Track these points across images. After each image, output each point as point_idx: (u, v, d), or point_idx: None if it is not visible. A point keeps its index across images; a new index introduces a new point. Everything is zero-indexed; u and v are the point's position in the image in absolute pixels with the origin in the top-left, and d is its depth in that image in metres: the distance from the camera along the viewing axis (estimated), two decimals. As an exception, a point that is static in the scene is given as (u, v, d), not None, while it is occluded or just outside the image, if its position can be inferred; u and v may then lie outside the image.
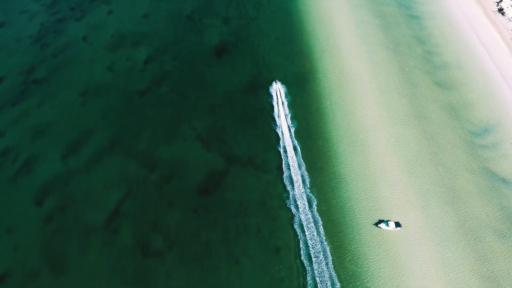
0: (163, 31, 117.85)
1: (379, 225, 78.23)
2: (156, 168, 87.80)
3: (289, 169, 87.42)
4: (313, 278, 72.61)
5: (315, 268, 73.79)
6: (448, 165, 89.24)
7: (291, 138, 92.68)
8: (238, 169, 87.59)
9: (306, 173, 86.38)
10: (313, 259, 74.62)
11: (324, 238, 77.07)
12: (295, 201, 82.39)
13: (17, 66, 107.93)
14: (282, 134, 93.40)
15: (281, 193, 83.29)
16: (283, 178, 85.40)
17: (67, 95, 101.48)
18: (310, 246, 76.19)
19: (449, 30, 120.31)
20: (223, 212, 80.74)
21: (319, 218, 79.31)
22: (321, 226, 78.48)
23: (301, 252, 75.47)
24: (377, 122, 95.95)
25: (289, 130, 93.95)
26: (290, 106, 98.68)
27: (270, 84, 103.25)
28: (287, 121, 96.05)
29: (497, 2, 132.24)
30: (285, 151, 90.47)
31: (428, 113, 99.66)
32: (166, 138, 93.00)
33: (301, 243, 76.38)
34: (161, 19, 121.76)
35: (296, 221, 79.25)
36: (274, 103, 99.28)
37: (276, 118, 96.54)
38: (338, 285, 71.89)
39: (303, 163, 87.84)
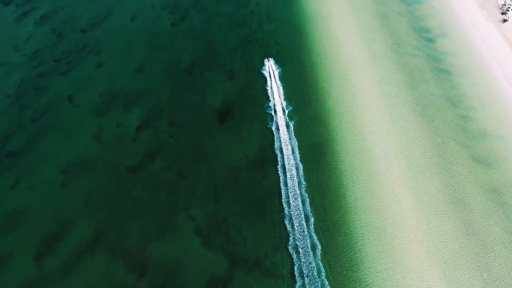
0: (159, 88, 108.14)
1: None
2: (146, 272, 77.16)
3: (302, 277, 76.52)
4: None
5: None
6: (495, 270, 78.08)
7: (309, 233, 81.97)
8: (243, 274, 76.81)
9: (326, 282, 75.49)
10: None
11: None
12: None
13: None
14: (292, 227, 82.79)
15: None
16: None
17: (46, 173, 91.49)
18: None
19: (485, 89, 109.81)
20: None
21: None
22: None
23: None
24: (408, 212, 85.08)
25: (306, 222, 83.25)
26: (307, 189, 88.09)
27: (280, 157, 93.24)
28: (301, 208, 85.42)
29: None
30: (297, 251, 79.69)
31: (466, 198, 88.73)
32: (159, 232, 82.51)
33: None
34: (157, 73, 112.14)
35: None
36: (283, 185, 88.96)
37: (285, 205, 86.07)
38: None
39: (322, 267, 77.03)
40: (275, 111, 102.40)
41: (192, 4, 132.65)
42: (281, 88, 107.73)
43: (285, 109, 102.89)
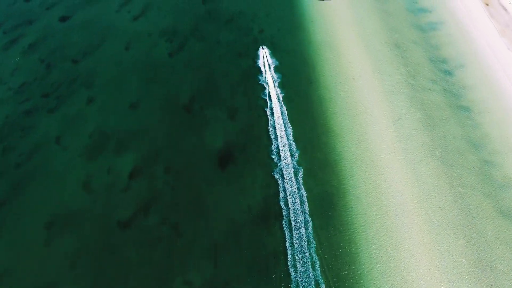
0: (154, 128, 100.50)
1: None
2: None
3: None
4: None
5: None
6: None
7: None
8: None
9: None
10: None
11: None
12: None
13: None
14: (305, 296, 74.80)
15: None
16: None
17: (29, 228, 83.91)
18: None
19: (510, 130, 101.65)
20: None
21: None
22: None
23: None
24: (429, 277, 76.96)
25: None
26: (317, 250, 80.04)
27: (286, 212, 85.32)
28: (311, 273, 77.37)
29: None
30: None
31: (492, 260, 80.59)
32: (152, 301, 74.81)
33: None
34: (153, 110, 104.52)
35: None
36: (289, 245, 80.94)
37: (291, 269, 78.03)
38: None
39: None
40: (279, 156, 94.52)
41: (191, 31, 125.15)
42: (283, 128, 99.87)
43: (294, 153, 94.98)
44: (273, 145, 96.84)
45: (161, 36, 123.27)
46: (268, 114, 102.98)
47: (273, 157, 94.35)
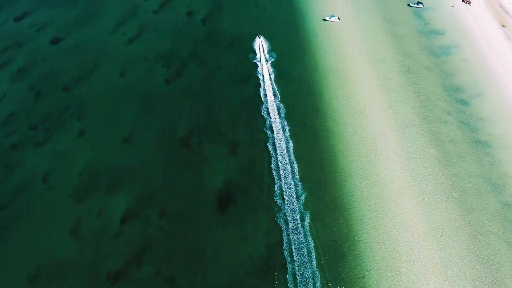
0: (149, 165, 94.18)
1: None
2: None
3: None
4: None
5: None
6: None
7: None
8: None
9: None
10: None
11: None
12: None
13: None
14: None
15: None
16: None
17: (11, 281, 77.39)
18: None
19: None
20: None
21: None
22: None
23: None
24: None
25: None
26: (324, 310, 73.61)
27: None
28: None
29: None
30: None
31: (519, 320, 73.93)
32: None
33: None
34: (148, 144, 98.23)
35: None
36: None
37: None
38: None
39: None
40: (283, 199, 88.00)
41: (190, 54, 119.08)
42: (289, 166, 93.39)
43: (300, 195, 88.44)
44: (276, 185, 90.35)
45: (158, 60, 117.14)
46: (270, 149, 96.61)
47: (276, 199, 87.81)
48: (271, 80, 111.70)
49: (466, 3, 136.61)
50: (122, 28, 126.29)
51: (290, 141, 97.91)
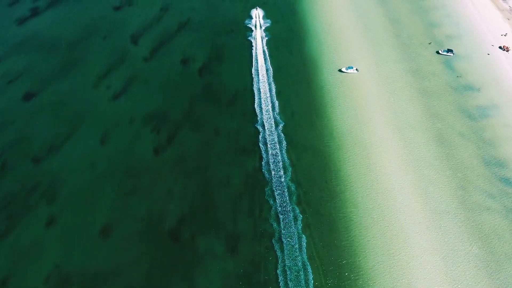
0: (130, 267, 78.24)
1: None
2: None
3: None
4: None
5: None
6: None
7: None
8: None
9: None
10: None
11: None
12: None
13: None
14: None
15: None
16: None
17: None
18: None
19: None
20: None
21: None
22: None
23: None
24: None
25: None
26: None
27: None
28: None
29: None
30: None
31: None
32: None
33: None
34: (130, 238, 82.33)
35: None
36: None
37: None
38: None
39: None
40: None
41: (184, 114, 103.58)
42: (301, 273, 77.25)
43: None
44: (288, 303, 74.30)
45: (146, 122, 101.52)
46: (276, 248, 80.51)
47: (287, 323, 71.84)
48: (280, 150, 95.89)
49: (504, 50, 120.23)
50: (107, 80, 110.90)
51: (303, 236, 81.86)
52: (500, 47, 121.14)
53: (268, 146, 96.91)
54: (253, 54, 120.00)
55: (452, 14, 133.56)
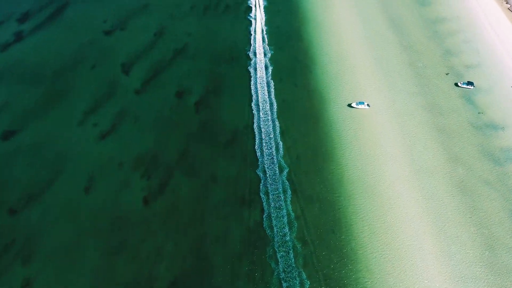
0: None
1: None
2: None
3: None
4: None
5: None
6: None
7: None
8: None
9: None
10: None
11: None
12: None
13: None
14: None
15: None
16: None
17: None
18: None
19: None
20: None
21: None
22: None
23: None
24: None
25: None
26: None
27: None
28: None
29: None
30: None
31: None
32: None
33: None
34: (114, 307, 73.26)
35: None
36: None
37: None
38: None
39: None
40: None
41: (178, 157, 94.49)
42: None
43: None
44: None
45: (136, 167, 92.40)
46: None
47: None
48: (285, 201, 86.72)
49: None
50: (94, 116, 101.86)
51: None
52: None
53: (270, 196, 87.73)
54: (252, 87, 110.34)
55: (471, 39, 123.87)
